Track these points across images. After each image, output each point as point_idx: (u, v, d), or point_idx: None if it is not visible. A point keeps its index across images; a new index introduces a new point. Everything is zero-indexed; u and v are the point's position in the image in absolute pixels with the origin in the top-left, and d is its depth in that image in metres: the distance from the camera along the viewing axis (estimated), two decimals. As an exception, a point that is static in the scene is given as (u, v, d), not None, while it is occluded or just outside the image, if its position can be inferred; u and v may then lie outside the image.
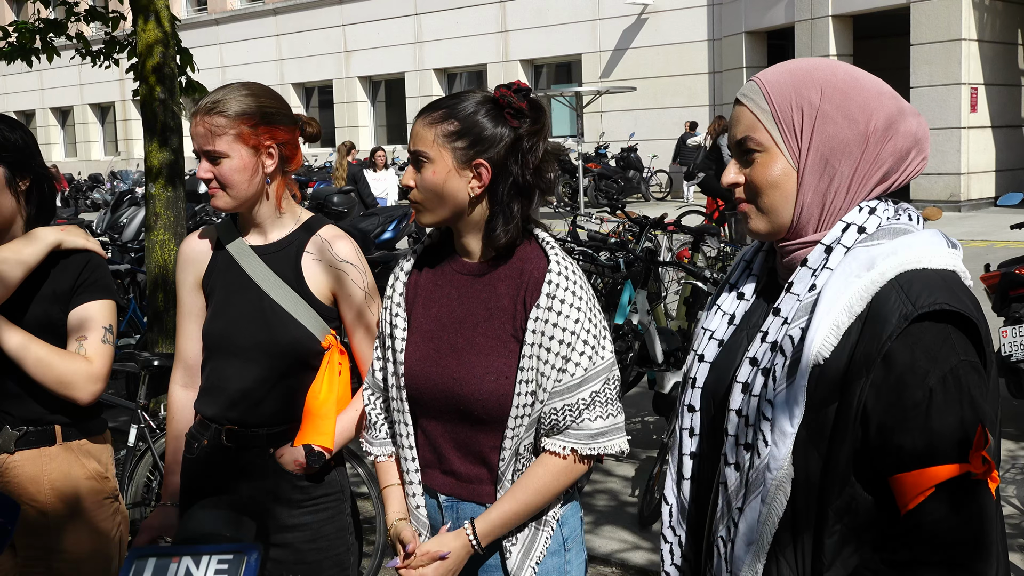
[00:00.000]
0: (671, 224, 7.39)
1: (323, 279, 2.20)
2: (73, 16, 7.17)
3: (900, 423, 1.30)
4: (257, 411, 2.20)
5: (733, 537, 1.44)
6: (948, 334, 1.29)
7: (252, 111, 2.14)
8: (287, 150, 2.21)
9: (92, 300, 2.40)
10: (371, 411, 2.06)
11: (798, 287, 1.42)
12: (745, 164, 1.48)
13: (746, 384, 1.44)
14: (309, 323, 2.18)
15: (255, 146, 2.15)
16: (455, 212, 1.90)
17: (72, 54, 7.89)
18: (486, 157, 1.86)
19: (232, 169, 2.14)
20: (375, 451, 2.06)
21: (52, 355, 2.31)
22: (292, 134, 2.22)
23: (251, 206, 2.21)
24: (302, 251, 2.21)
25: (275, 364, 2.18)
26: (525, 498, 1.86)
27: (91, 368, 2.35)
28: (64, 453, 2.39)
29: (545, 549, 1.91)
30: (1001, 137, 17.87)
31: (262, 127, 2.15)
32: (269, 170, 2.18)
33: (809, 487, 1.36)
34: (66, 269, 2.39)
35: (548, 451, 1.87)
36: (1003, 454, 5.25)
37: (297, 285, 2.19)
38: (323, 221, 2.30)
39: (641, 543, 4.31)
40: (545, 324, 1.82)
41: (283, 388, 2.19)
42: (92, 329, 2.38)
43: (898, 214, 1.43)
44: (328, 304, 2.21)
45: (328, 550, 2.22)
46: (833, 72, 1.43)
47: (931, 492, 1.28)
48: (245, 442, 2.21)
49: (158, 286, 5.49)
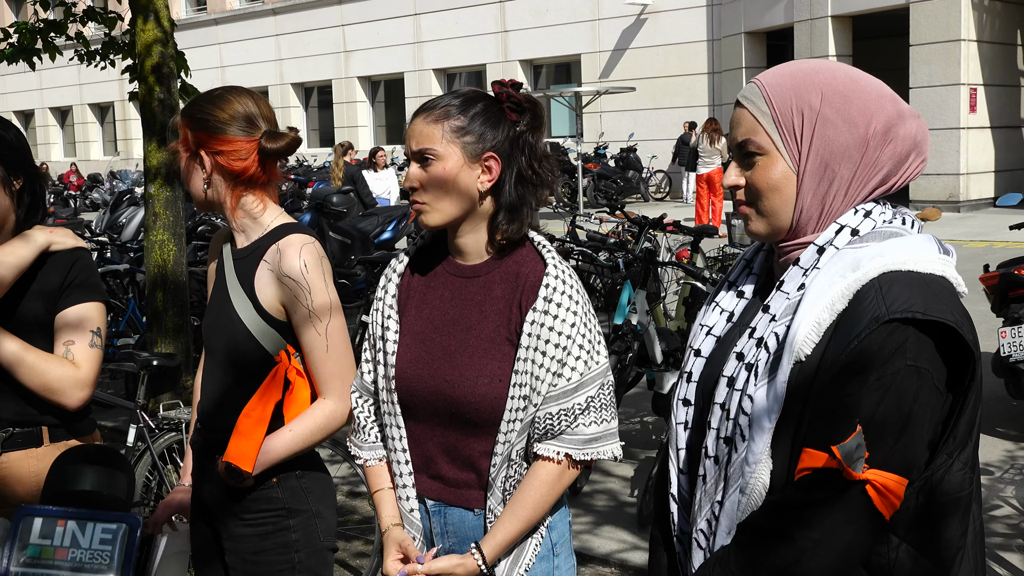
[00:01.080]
0: (670, 224, 7.38)
1: (272, 290, 2.14)
2: (71, 17, 7.17)
3: (825, 406, 1.33)
4: (217, 415, 2.21)
5: (715, 530, 1.45)
6: (906, 338, 1.29)
7: (191, 115, 2.18)
8: (224, 160, 2.15)
9: (81, 302, 2.40)
10: (359, 414, 2.04)
11: (788, 286, 1.44)
12: (746, 167, 1.48)
13: (731, 378, 1.45)
14: (260, 334, 2.13)
15: (190, 152, 2.20)
16: (464, 208, 1.87)
17: (71, 55, 7.89)
18: (494, 150, 1.86)
19: (182, 171, 2.24)
20: (364, 455, 2.03)
21: (43, 362, 2.32)
22: (231, 145, 2.15)
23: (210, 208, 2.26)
24: (259, 260, 2.17)
25: (233, 371, 2.18)
26: (526, 515, 1.85)
27: (78, 374, 2.36)
28: (51, 454, 2.38)
29: (534, 556, 1.89)
30: (1000, 137, 17.88)
31: (199, 133, 2.17)
32: (203, 176, 2.18)
33: (788, 478, 1.37)
34: (54, 268, 2.40)
35: (542, 456, 1.85)
36: (1002, 454, 5.24)
37: (250, 294, 2.16)
38: (294, 230, 2.21)
39: (640, 543, 4.30)
40: (541, 328, 1.81)
41: (235, 396, 2.17)
42: (80, 333, 2.38)
43: (894, 217, 1.44)
44: (279, 317, 2.15)
45: (269, 564, 2.19)
46: (834, 75, 1.43)
47: (807, 473, 1.33)
48: (206, 444, 2.25)
49: (157, 286, 5.49)
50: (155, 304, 5.51)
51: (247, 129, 2.16)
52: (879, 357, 1.29)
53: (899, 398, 1.29)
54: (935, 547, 1.36)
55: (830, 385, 1.32)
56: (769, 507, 1.37)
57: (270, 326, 2.14)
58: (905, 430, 1.30)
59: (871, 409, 1.29)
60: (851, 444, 1.29)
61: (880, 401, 1.29)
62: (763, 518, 1.37)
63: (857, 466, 1.29)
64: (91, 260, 2.47)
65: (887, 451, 1.29)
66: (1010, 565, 4.00)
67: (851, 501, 1.30)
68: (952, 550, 1.37)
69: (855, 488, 1.30)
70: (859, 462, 1.29)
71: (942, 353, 1.31)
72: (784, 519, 1.34)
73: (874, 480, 1.29)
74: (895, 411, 1.29)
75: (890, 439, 1.29)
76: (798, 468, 1.34)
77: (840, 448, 1.29)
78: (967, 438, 1.36)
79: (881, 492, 1.30)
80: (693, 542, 1.50)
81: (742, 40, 20.85)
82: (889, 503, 1.30)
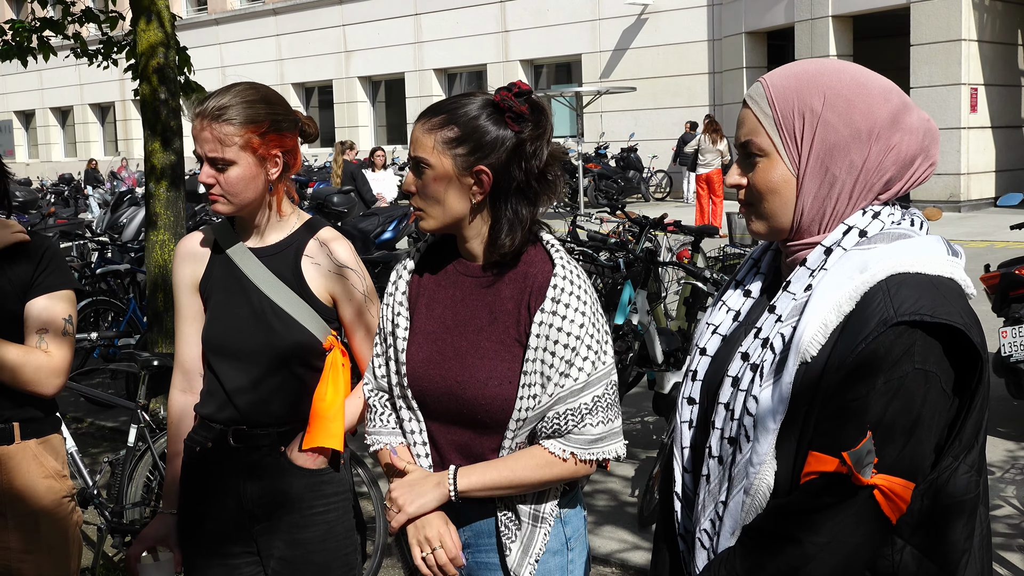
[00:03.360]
0: (671, 224, 7.37)
1: (322, 281, 2.21)
2: (70, 17, 7.16)
3: (832, 409, 1.32)
4: (264, 411, 2.19)
5: (718, 530, 1.45)
6: (914, 341, 1.29)
7: (261, 119, 2.11)
8: (290, 156, 2.20)
9: (51, 291, 2.42)
10: (375, 402, 2.02)
11: (795, 286, 1.43)
12: (747, 167, 1.48)
13: (736, 378, 1.45)
14: (311, 324, 2.18)
15: (263, 155, 2.13)
16: (456, 218, 1.88)
17: (68, 54, 7.88)
18: (487, 163, 1.83)
19: (238, 178, 2.12)
20: (384, 439, 1.98)
21: (21, 356, 2.35)
22: (295, 139, 2.22)
23: (252, 210, 2.21)
24: (301, 253, 2.21)
25: (279, 365, 2.18)
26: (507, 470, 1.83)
27: (52, 362, 2.38)
28: (22, 451, 2.39)
29: (544, 545, 1.90)
30: (1001, 137, 17.87)
31: (271, 135, 2.13)
32: (273, 178, 2.17)
33: (792, 479, 1.37)
34: (24, 259, 2.40)
35: (546, 449, 1.86)
36: (1003, 454, 5.24)
37: (298, 287, 2.19)
38: (321, 223, 2.30)
39: (641, 543, 4.31)
40: (549, 328, 1.81)
41: (288, 388, 2.19)
42: (52, 321, 2.40)
43: (903, 219, 1.43)
44: (328, 305, 2.22)
45: (337, 550, 2.22)
46: (839, 77, 1.42)
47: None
48: (253, 442, 2.20)
49: (158, 286, 5.49)
50: (156, 304, 5.51)
51: (297, 121, 2.23)
52: (887, 360, 1.29)
53: (907, 401, 1.29)
54: (940, 550, 1.36)
55: (837, 387, 1.32)
56: (775, 510, 1.37)
57: (320, 315, 2.19)
58: (913, 434, 1.29)
59: (879, 412, 1.29)
60: (861, 450, 1.28)
61: (888, 404, 1.28)
62: (769, 521, 1.37)
63: (866, 472, 1.28)
64: (59, 249, 2.50)
65: (895, 455, 1.29)
66: (1011, 565, 4.00)
67: (859, 506, 1.30)
68: (957, 553, 1.37)
69: (863, 493, 1.29)
70: (868, 467, 1.28)
71: (950, 355, 1.30)
72: (791, 523, 1.34)
73: (882, 485, 1.29)
74: (903, 414, 1.29)
75: (898, 442, 1.29)
76: (805, 471, 1.33)
77: (851, 454, 1.28)
78: (973, 441, 1.36)
79: (888, 497, 1.29)
80: (696, 542, 1.50)
81: (742, 40, 20.85)
82: (896, 507, 1.30)
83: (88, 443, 6.08)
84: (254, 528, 2.22)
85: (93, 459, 5.59)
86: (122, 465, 4.23)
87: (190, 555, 2.29)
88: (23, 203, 13.77)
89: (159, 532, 2.30)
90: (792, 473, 1.36)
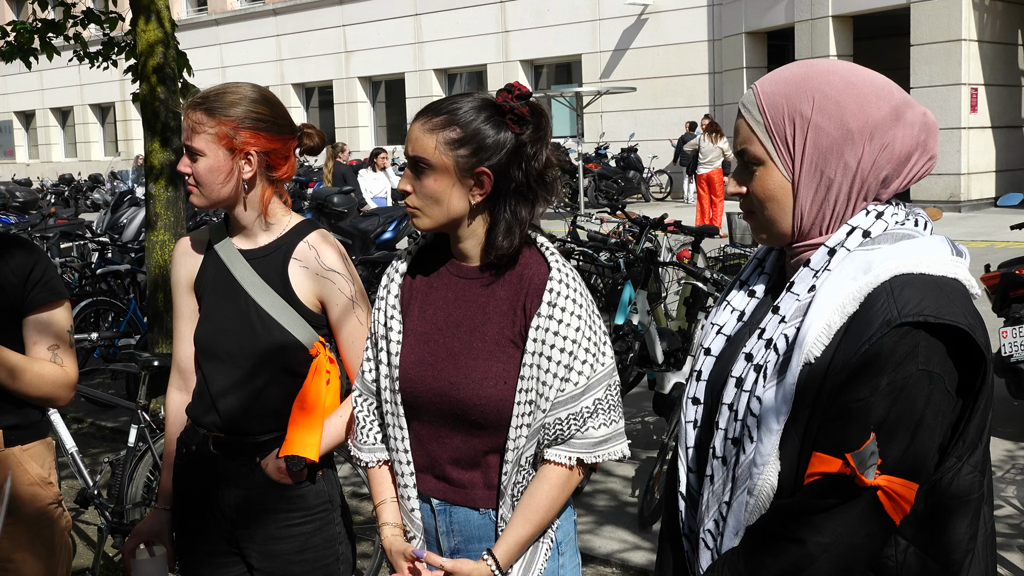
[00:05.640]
0: (671, 224, 7.37)
1: (309, 285, 2.17)
2: (70, 18, 7.16)
3: (836, 410, 1.32)
4: (243, 419, 2.17)
5: (722, 530, 1.45)
6: (917, 342, 1.28)
7: (237, 114, 2.09)
8: (272, 159, 2.15)
9: (51, 301, 2.43)
10: (360, 414, 2.02)
11: (799, 287, 1.43)
12: (745, 175, 1.48)
13: (740, 379, 1.45)
14: (295, 329, 2.14)
15: (231, 148, 2.10)
16: (454, 219, 1.87)
17: (70, 55, 7.89)
18: (488, 165, 1.82)
19: (206, 169, 2.10)
20: (364, 457, 2.01)
21: (41, 370, 2.37)
22: (282, 144, 2.16)
23: (231, 208, 2.18)
24: (289, 256, 2.18)
25: (261, 370, 2.15)
26: (537, 518, 1.85)
27: (69, 376, 2.45)
28: (6, 459, 2.38)
29: (545, 562, 1.89)
30: (1001, 137, 17.88)
31: (246, 132, 2.10)
32: (247, 176, 2.13)
33: (796, 480, 1.37)
34: (12, 265, 2.39)
35: (552, 462, 1.85)
36: (1003, 454, 5.24)
37: (284, 290, 2.16)
38: (312, 227, 2.26)
39: (641, 543, 4.31)
40: (546, 333, 1.80)
41: (270, 395, 2.16)
42: (60, 335, 2.44)
43: (907, 219, 1.42)
44: (315, 311, 2.18)
45: (315, 561, 2.20)
46: (828, 79, 1.41)
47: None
48: (230, 450, 2.19)
49: (158, 286, 5.49)
50: (156, 305, 5.51)
51: (292, 128, 2.20)
52: (891, 361, 1.28)
53: (911, 403, 1.28)
54: (943, 550, 1.36)
55: (841, 388, 1.31)
56: (778, 511, 1.37)
57: (307, 321, 2.16)
58: (916, 434, 1.29)
59: (883, 413, 1.29)
60: (865, 451, 1.28)
61: (892, 405, 1.28)
62: (772, 522, 1.37)
63: (870, 473, 1.28)
64: (48, 259, 2.50)
65: (898, 455, 1.29)
66: (1011, 565, 4.00)
67: (862, 506, 1.30)
68: (960, 553, 1.37)
69: (866, 494, 1.29)
70: (871, 468, 1.28)
71: (954, 356, 1.30)
72: (794, 524, 1.34)
73: (885, 486, 1.29)
74: (906, 415, 1.29)
75: (901, 443, 1.29)
76: (808, 472, 1.33)
77: (854, 455, 1.28)
78: (977, 441, 1.36)
79: (892, 497, 1.29)
80: (700, 542, 1.50)
81: (743, 40, 20.85)
82: (899, 508, 1.30)
83: (88, 443, 6.08)
84: (236, 533, 2.22)
85: (93, 459, 5.58)
86: (122, 465, 4.23)
87: (181, 552, 2.31)
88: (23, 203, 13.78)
89: (153, 528, 2.31)
90: (795, 474, 1.36)
